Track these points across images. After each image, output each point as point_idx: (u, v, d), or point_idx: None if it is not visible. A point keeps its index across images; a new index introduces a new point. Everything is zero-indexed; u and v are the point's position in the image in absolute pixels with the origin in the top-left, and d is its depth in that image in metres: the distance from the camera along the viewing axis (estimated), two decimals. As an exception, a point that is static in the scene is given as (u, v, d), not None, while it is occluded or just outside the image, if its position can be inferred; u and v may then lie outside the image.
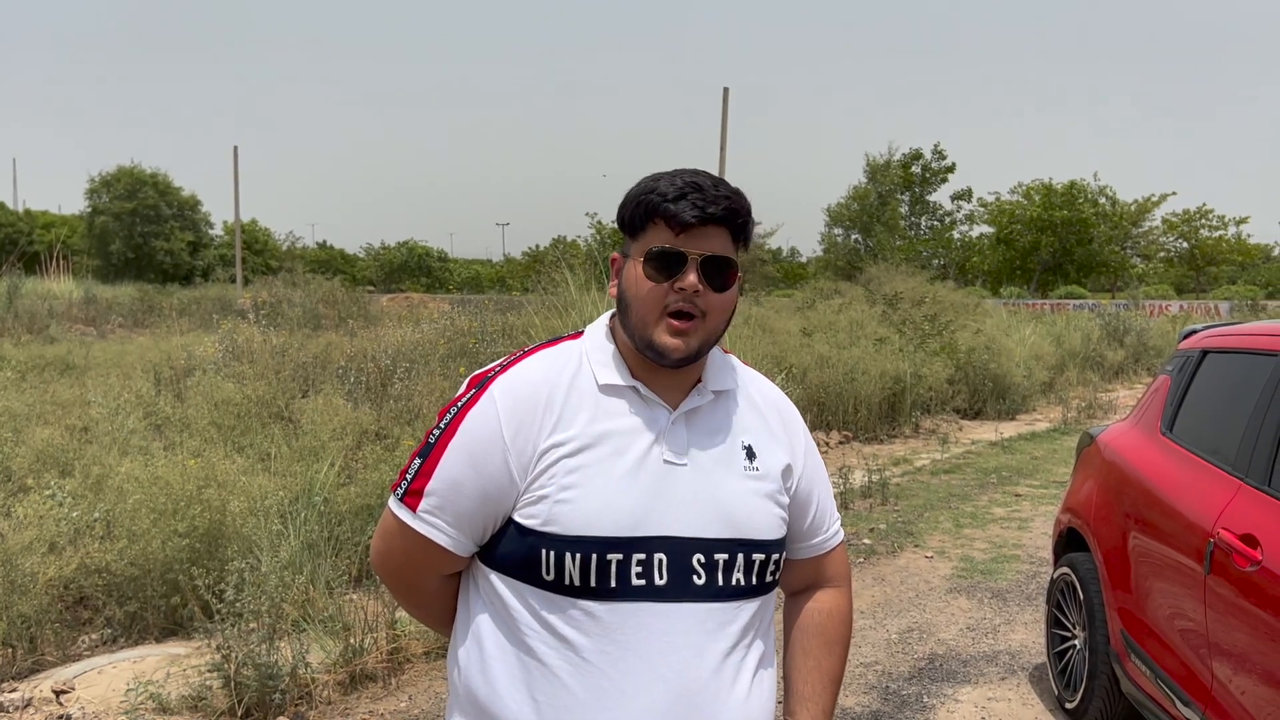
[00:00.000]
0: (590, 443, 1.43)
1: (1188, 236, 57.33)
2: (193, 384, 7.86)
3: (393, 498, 1.51)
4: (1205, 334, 4.01)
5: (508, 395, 1.45)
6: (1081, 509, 4.24)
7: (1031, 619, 5.34)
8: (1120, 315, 22.27)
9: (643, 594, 1.41)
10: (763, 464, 1.53)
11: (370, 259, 67.60)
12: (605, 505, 1.40)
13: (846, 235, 49.73)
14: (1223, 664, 2.90)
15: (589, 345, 1.54)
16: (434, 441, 1.47)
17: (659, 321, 1.44)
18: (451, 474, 1.44)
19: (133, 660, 4.44)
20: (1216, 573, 2.94)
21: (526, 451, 1.42)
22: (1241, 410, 3.27)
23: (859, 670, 4.65)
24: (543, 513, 1.41)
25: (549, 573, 1.41)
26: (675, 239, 1.43)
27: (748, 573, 1.48)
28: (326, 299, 18.47)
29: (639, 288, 1.45)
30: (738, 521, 1.47)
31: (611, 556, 1.40)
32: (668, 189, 1.43)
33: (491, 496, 1.43)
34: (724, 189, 1.45)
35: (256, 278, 37.13)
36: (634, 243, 1.48)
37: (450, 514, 1.45)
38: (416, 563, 1.51)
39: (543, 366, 1.49)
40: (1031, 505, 8.22)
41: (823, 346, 12.28)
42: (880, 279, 20.56)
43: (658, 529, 1.42)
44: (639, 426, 1.47)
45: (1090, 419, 13.38)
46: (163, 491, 4.78)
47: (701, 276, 1.43)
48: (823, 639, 1.64)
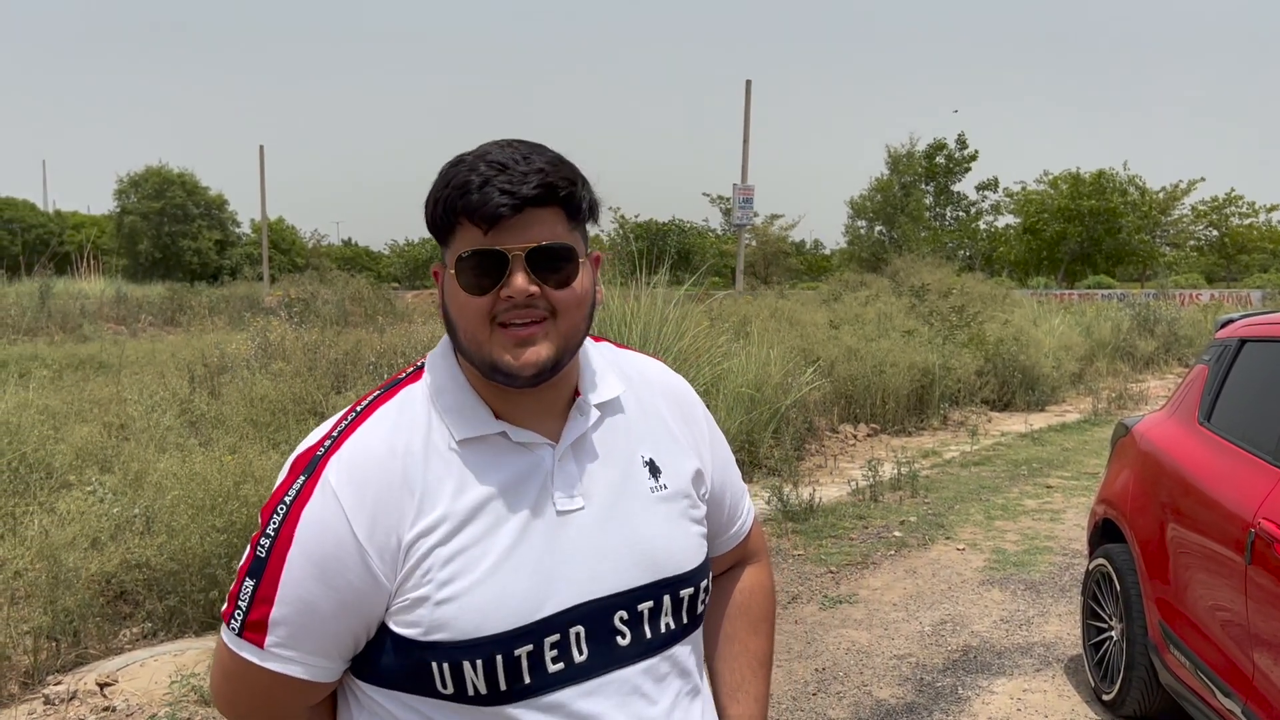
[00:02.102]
0: (463, 520, 1.16)
1: (1218, 224, 56.65)
2: (227, 381, 7.95)
3: (227, 631, 1.18)
4: (1243, 323, 3.97)
5: (349, 481, 1.14)
6: (1118, 500, 4.22)
7: (1066, 611, 5.32)
8: (1150, 305, 22.07)
9: (563, 679, 1.18)
10: (669, 479, 1.31)
11: (395, 255, 67.90)
12: (499, 595, 1.15)
13: (870, 227, 49.57)
14: (1264, 654, 2.88)
15: (434, 389, 1.23)
16: (265, 554, 1.15)
17: (493, 336, 1.17)
18: (298, 594, 1.13)
19: (173, 653, 4.51)
20: (1257, 563, 2.92)
21: (390, 547, 1.14)
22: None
23: (892, 662, 4.65)
24: (423, 620, 1.14)
25: (446, 686, 1.15)
26: (485, 237, 1.15)
27: (676, 613, 1.27)
28: (354, 296, 18.60)
29: (458, 302, 1.18)
30: (656, 559, 1.25)
31: (519, 650, 1.15)
32: (468, 178, 1.14)
33: (356, 609, 1.15)
34: (536, 160, 1.16)
35: (283, 275, 37.45)
36: (447, 250, 1.19)
37: (307, 642, 1.16)
38: (276, 701, 1.21)
39: (385, 432, 1.19)
40: (1063, 497, 8.18)
41: (850, 339, 12.25)
42: (906, 270, 20.49)
43: (568, 599, 1.18)
44: (518, 479, 1.20)
45: (1121, 410, 13.27)
46: (200, 487, 4.84)
47: (531, 276, 1.16)
48: (746, 619, 1.48)
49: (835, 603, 5.48)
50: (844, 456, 10.05)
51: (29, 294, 21.50)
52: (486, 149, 1.18)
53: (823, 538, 6.79)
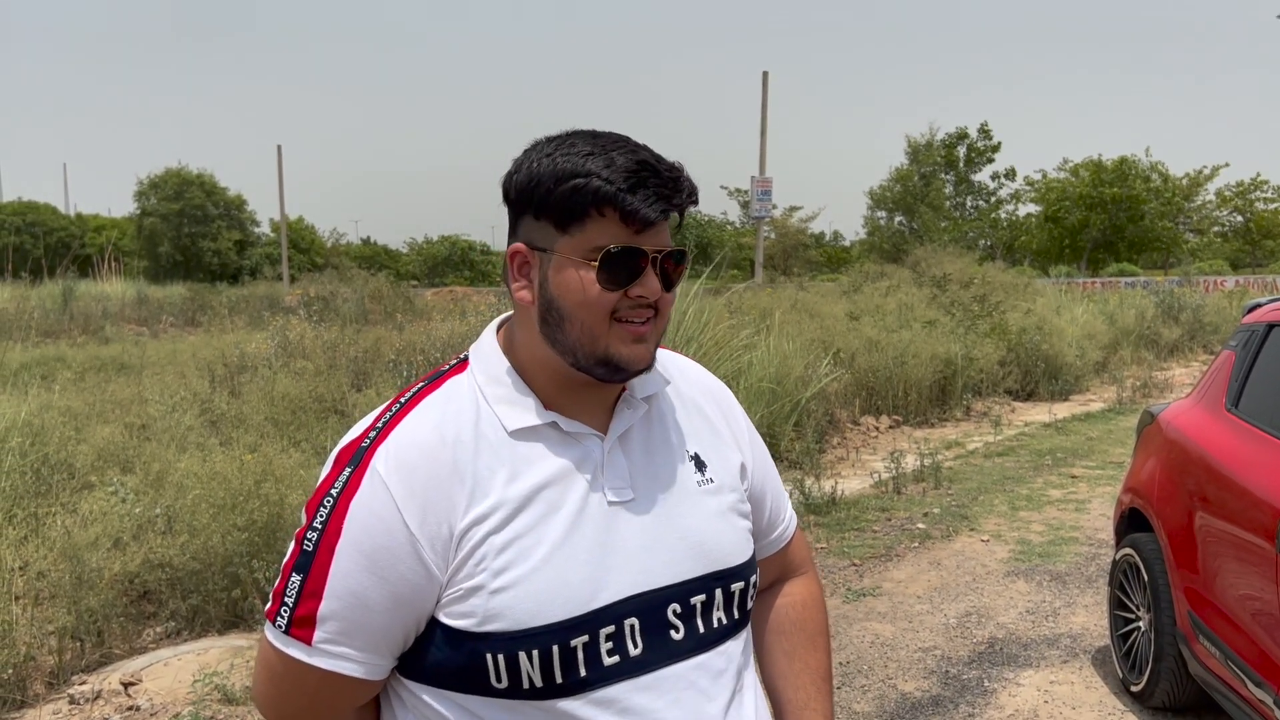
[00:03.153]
0: (517, 508, 1.14)
1: (1242, 209, 56.09)
2: (247, 380, 7.98)
3: (272, 630, 1.16)
4: (1270, 307, 3.91)
5: (398, 470, 1.13)
6: (1144, 489, 4.16)
7: (1092, 601, 5.26)
8: (1174, 292, 21.84)
9: (619, 672, 1.16)
10: (716, 473, 1.31)
11: (413, 254, 68.10)
12: (555, 582, 1.13)
13: (890, 218, 49.34)
14: (1297, 644, 2.83)
15: (481, 379, 1.23)
16: (312, 548, 1.13)
17: (611, 330, 1.17)
18: (349, 587, 1.11)
19: (197, 652, 4.52)
20: (1289, 551, 2.87)
21: (441, 536, 1.12)
22: (1311, 385, 3.19)
23: (918, 655, 4.61)
24: (478, 610, 1.12)
25: (500, 680, 1.12)
26: (635, 236, 1.14)
27: (728, 608, 1.26)
28: (373, 294, 18.67)
29: (586, 295, 1.15)
30: (708, 552, 1.24)
31: (575, 641, 1.13)
32: (614, 173, 1.12)
33: (407, 601, 1.13)
34: (670, 168, 1.16)
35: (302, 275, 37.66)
36: (564, 235, 1.15)
37: (359, 638, 1.13)
38: (325, 703, 1.18)
39: (433, 422, 1.17)
40: (1088, 486, 8.10)
41: (871, 330, 12.18)
42: (927, 261, 20.38)
43: (621, 590, 1.17)
44: (569, 470, 1.19)
45: (1145, 398, 13.14)
46: (221, 486, 4.85)
47: (659, 277, 1.18)
48: (804, 634, 1.44)
49: (859, 596, 5.44)
50: (866, 448, 9.99)
51: (52, 296, 21.70)
52: (605, 141, 1.16)
53: (845, 530, 6.74)
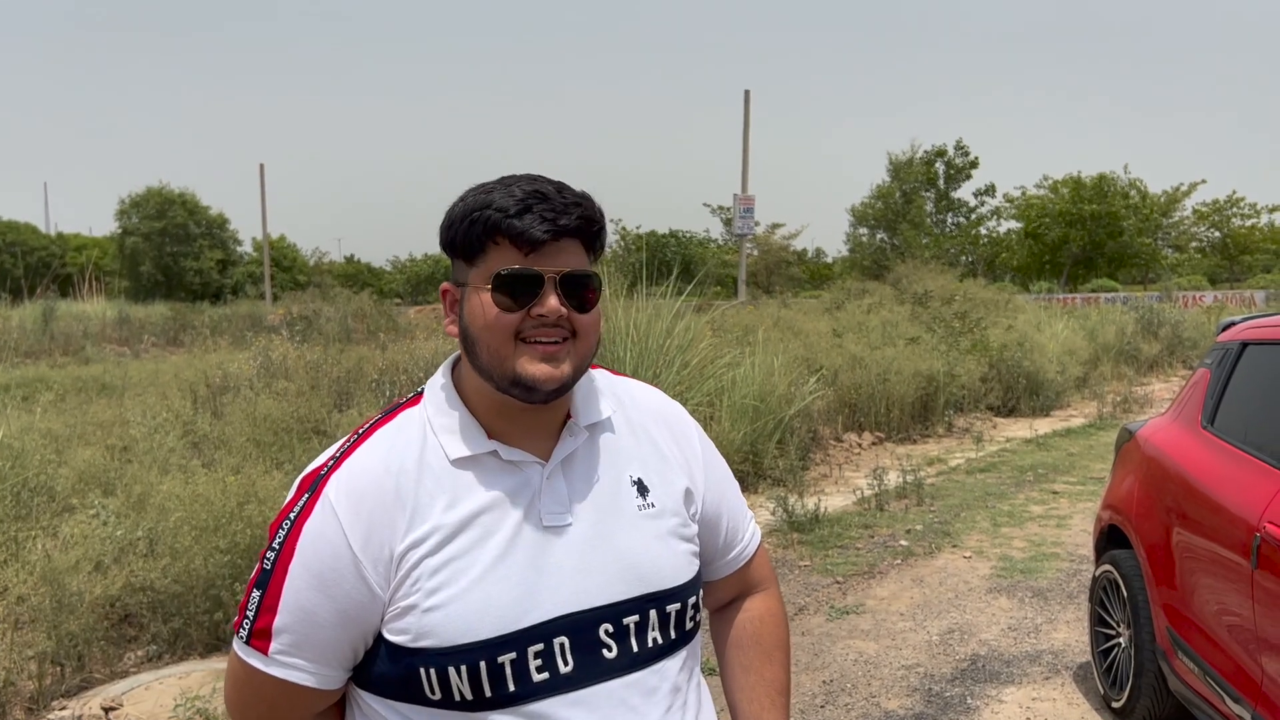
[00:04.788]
0: (452, 533, 1.22)
1: (1219, 226, 56.61)
2: (229, 401, 7.95)
3: (237, 641, 1.27)
4: (1244, 326, 3.96)
5: (347, 497, 1.22)
6: (1123, 505, 4.20)
7: (1074, 617, 5.29)
8: (1154, 308, 22.04)
9: (549, 688, 1.22)
10: (658, 497, 1.36)
11: (397, 272, 68.03)
12: (482, 602, 1.20)
13: (872, 234, 49.60)
14: (1272, 658, 2.86)
15: (431, 411, 1.31)
16: (270, 567, 1.23)
17: (517, 350, 1.24)
18: (299, 603, 1.21)
19: (179, 676, 4.49)
20: (1264, 567, 2.91)
21: (382, 559, 1.21)
22: (1284, 402, 3.24)
23: (900, 673, 4.62)
24: (412, 627, 1.21)
25: (434, 692, 1.21)
26: (525, 259, 1.23)
27: (664, 628, 1.31)
28: (357, 313, 18.63)
29: (487, 318, 1.23)
30: (643, 574, 1.30)
31: (503, 658, 1.20)
32: (507, 202, 1.22)
33: (353, 618, 1.22)
34: (570, 194, 1.26)
35: (285, 293, 37.52)
36: (472, 269, 1.26)
37: (309, 649, 1.23)
38: (281, 709, 1.28)
39: (381, 452, 1.27)
40: (1069, 502, 8.15)
41: (854, 347, 12.24)
42: (909, 277, 20.50)
43: (551, 610, 1.23)
44: (507, 496, 1.26)
45: (1126, 414, 13.24)
46: (204, 508, 4.83)
47: (562, 298, 1.24)
48: (760, 649, 1.49)
49: (842, 613, 5.45)
50: (849, 465, 10.03)
51: (32, 317, 21.56)
52: (516, 178, 1.27)
53: (829, 548, 6.76)
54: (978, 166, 50.47)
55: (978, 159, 50.28)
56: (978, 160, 50.28)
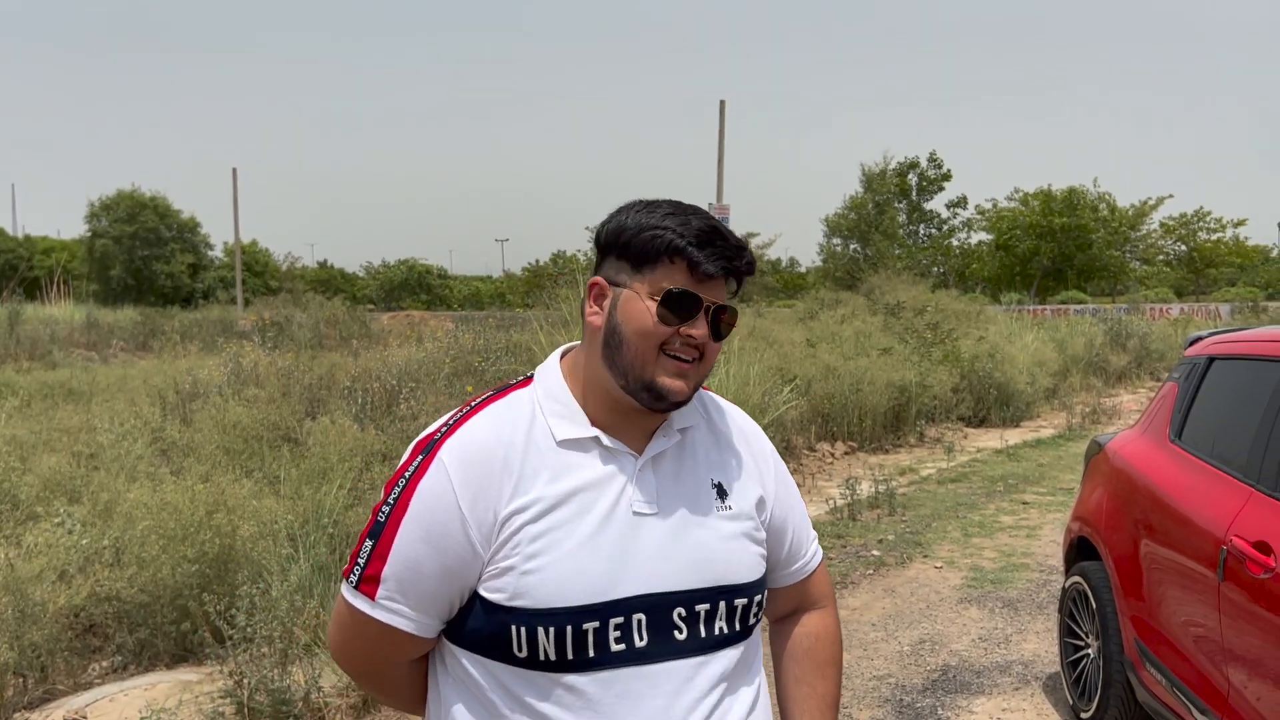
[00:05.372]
0: (553, 505, 1.34)
1: (1186, 239, 57.34)
2: (199, 407, 7.86)
3: (346, 586, 1.40)
4: (1211, 340, 4.01)
5: (459, 460, 1.34)
6: (1092, 517, 4.24)
7: (1044, 628, 5.33)
8: (1122, 320, 22.28)
9: (624, 659, 1.34)
10: (735, 501, 1.48)
11: (370, 277, 67.64)
12: (575, 571, 1.32)
13: (845, 245, 49.80)
14: (1238, 670, 2.89)
15: (541, 394, 1.44)
16: (384, 519, 1.36)
17: (659, 361, 1.37)
18: (407, 554, 1.33)
19: (144, 687, 4.44)
20: (1230, 580, 2.94)
21: (487, 520, 1.33)
22: (1250, 417, 3.28)
23: (872, 684, 4.64)
24: (509, 586, 1.32)
25: (521, 650, 1.32)
26: (694, 284, 1.37)
27: (729, 620, 1.42)
28: (329, 319, 18.50)
29: (644, 325, 1.36)
30: (716, 568, 1.41)
31: (587, 625, 1.32)
32: (687, 230, 1.36)
33: (455, 572, 1.34)
34: (736, 240, 1.40)
35: (257, 298, 37.25)
36: (637, 275, 1.38)
37: (412, 597, 1.35)
38: (382, 652, 1.42)
39: (493, 424, 1.39)
40: (1039, 513, 8.21)
41: (828, 357, 12.29)
42: (881, 288, 20.60)
43: (633, 588, 1.35)
44: (604, 479, 1.38)
45: (1095, 424, 13.37)
46: (172, 517, 4.78)
47: (709, 325, 1.39)
48: (813, 663, 1.59)
49: (814, 623, 5.45)
50: (822, 475, 10.07)
51: (-2, 320, 21.23)
52: (689, 210, 1.40)
53: (801, 558, 6.77)
54: (950, 179, 50.84)
55: (950, 171, 50.64)
56: (950, 172, 50.65)
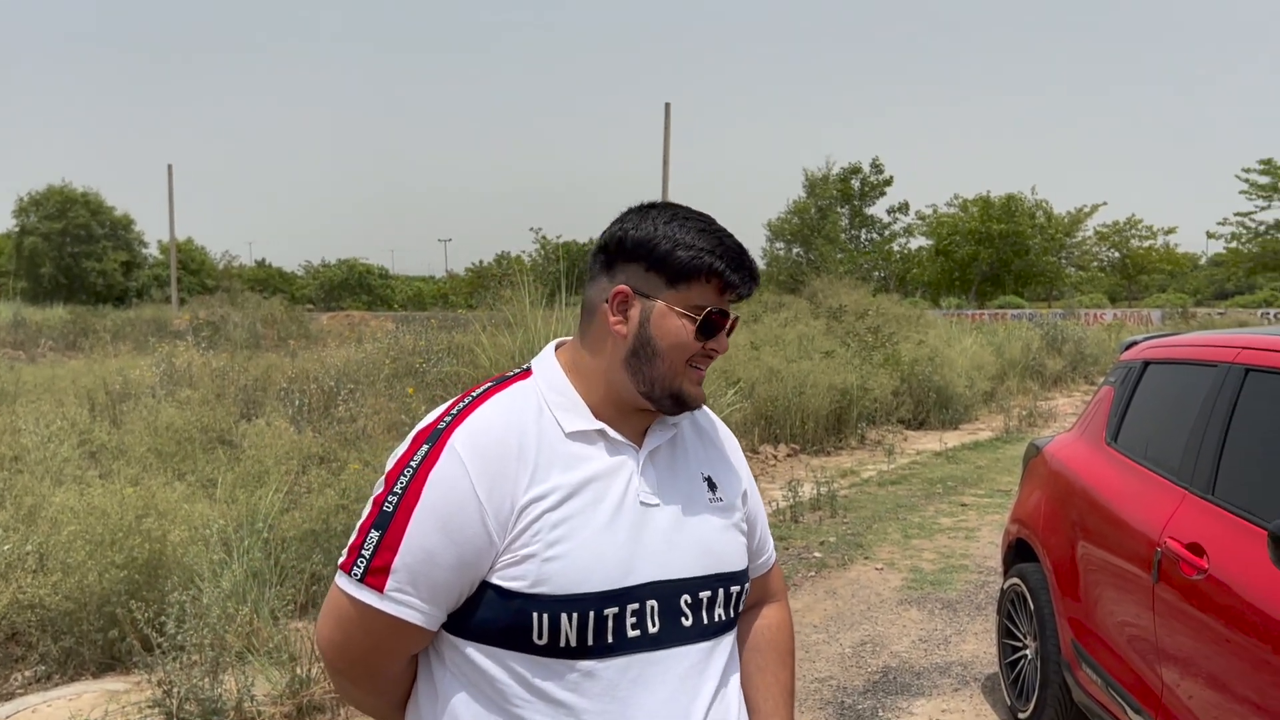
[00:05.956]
0: (570, 493, 1.36)
1: (1119, 246, 58.80)
2: (130, 409, 7.66)
3: (346, 579, 1.36)
4: (1146, 345, 4.08)
5: (474, 448, 1.34)
6: (1030, 519, 4.29)
7: (982, 629, 5.39)
8: (1058, 324, 22.73)
9: (638, 645, 1.37)
10: (724, 494, 1.54)
11: (309, 277, 66.75)
12: (596, 558, 1.34)
13: (788, 249, 50.21)
14: (1172, 670, 2.94)
15: (544, 387, 1.46)
16: (391, 509, 1.34)
17: (685, 372, 1.44)
18: (422, 544, 1.32)
19: (69, 697, 4.29)
20: (1164, 581, 2.98)
21: (504, 509, 1.33)
22: (1184, 420, 3.33)
23: (814, 686, 4.64)
24: (530, 573, 1.33)
25: (541, 637, 1.33)
26: (723, 302, 1.44)
27: (727, 606, 1.48)
28: (266, 318, 18.17)
29: (680, 340, 1.42)
30: (715, 556, 1.47)
31: (608, 611, 1.35)
32: (725, 252, 1.42)
33: (469, 562, 1.33)
34: (750, 258, 1.47)
35: (193, 297, 36.53)
36: (671, 290, 1.42)
37: (424, 588, 1.33)
38: (385, 648, 1.39)
39: (503, 413, 1.40)
40: (977, 514, 8.32)
41: (772, 360, 12.35)
42: (824, 292, 20.78)
43: (646, 575, 1.38)
44: (612, 470, 1.41)
45: (1031, 427, 13.60)
46: (99, 522, 4.63)
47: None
48: (775, 653, 1.65)
49: (756, 626, 5.46)
50: (765, 477, 10.10)
51: (-81, 318, 20.55)
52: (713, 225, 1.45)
53: (744, 560, 6.78)
54: (891, 184, 51.52)
55: (892, 177, 51.33)
56: (892, 178, 51.33)
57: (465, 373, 8.34)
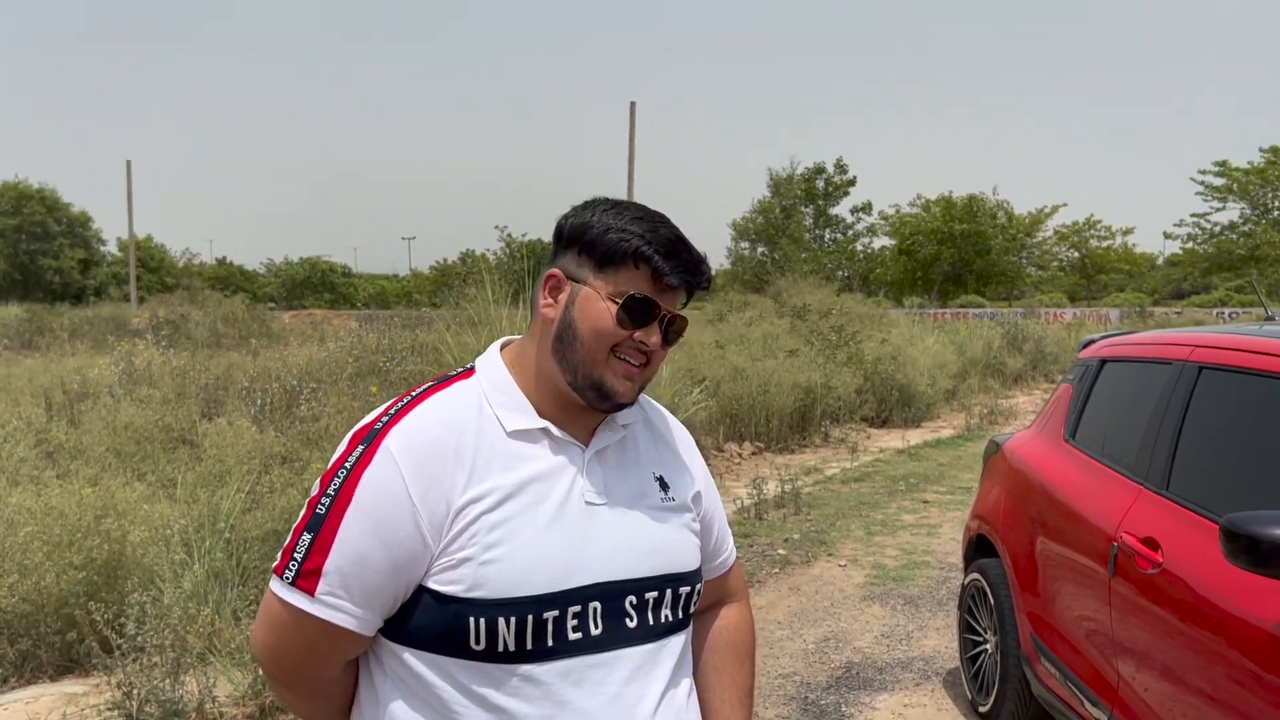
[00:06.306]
0: (509, 494, 1.33)
1: (1078, 246, 59.64)
2: (88, 408, 7.55)
3: (279, 583, 1.33)
4: (1103, 343, 4.15)
5: (408, 449, 1.31)
6: (990, 515, 4.34)
7: (944, 624, 5.45)
8: (1019, 323, 23.01)
9: (579, 648, 1.34)
10: (676, 494, 1.51)
11: (271, 275, 66.14)
12: (536, 560, 1.31)
13: (753, 248, 50.45)
14: (1128, 663, 2.99)
15: (486, 385, 1.43)
16: (324, 511, 1.31)
17: (609, 361, 1.38)
18: (354, 547, 1.28)
19: (25, 701, 4.23)
20: (1120, 575, 3.04)
21: (439, 511, 1.30)
22: (1139, 417, 3.39)
23: (778, 681, 4.68)
24: (466, 577, 1.29)
25: (479, 642, 1.30)
26: (655, 292, 1.39)
27: (674, 607, 1.45)
28: (227, 317, 17.97)
29: (600, 324, 1.37)
30: (663, 557, 1.44)
31: (547, 614, 1.31)
32: (655, 239, 1.38)
33: (402, 566, 1.30)
34: (696, 253, 1.42)
35: (152, 296, 36.04)
36: (600, 275, 1.39)
37: (356, 592, 1.30)
38: (319, 653, 1.36)
39: (441, 412, 1.37)
40: (940, 511, 8.41)
41: (736, 358, 12.41)
42: (788, 291, 20.89)
43: (589, 576, 1.35)
44: (555, 469, 1.39)
45: (992, 425, 13.76)
46: (57, 522, 4.57)
47: (661, 332, 1.41)
48: (733, 654, 1.63)
49: (721, 623, 5.49)
50: (730, 475, 10.15)
51: None
52: (655, 217, 1.42)
53: (708, 558, 6.81)
54: (855, 184, 51.95)
55: (856, 177, 51.78)
56: (856, 178, 51.79)
57: (429, 371, 8.31)
